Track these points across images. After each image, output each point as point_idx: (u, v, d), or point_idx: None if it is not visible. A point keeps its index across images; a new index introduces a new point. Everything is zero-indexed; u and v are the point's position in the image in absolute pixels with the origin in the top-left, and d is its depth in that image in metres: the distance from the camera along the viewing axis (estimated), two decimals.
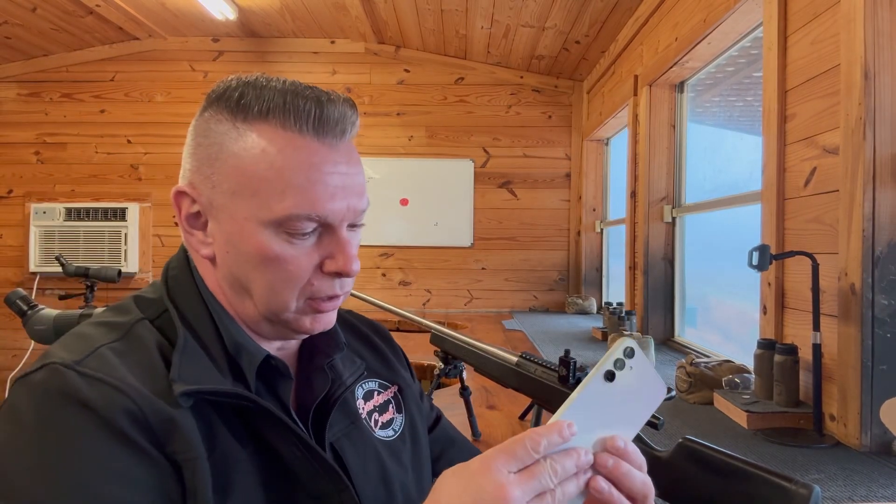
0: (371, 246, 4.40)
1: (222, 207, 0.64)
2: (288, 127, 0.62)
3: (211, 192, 0.64)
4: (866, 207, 1.34)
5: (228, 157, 0.63)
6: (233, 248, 0.64)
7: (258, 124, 0.62)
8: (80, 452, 0.53)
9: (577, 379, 0.87)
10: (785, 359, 1.52)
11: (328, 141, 0.63)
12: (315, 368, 0.72)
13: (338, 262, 0.64)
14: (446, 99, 4.41)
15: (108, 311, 0.67)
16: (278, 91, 0.63)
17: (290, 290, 0.64)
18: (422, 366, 2.42)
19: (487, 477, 0.48)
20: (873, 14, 1.34)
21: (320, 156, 0.63)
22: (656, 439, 0.74)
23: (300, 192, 0.61)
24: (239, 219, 0.63)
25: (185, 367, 0.59)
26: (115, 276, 2.79)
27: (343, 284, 0.66)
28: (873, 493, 1.10)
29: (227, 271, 0.65)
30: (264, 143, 0.62)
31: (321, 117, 0.62)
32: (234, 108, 0.63)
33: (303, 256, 0.63)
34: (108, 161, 4.41)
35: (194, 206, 0.66)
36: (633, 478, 0.54)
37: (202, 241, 0.66)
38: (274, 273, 0.63)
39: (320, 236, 0.64)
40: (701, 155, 2.79)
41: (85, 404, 0.54)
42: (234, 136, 0.63)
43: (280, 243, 0.62)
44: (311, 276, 0.64)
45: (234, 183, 0.63)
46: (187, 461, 0.56)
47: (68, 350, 0.58)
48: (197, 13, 3.87)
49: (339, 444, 0.69)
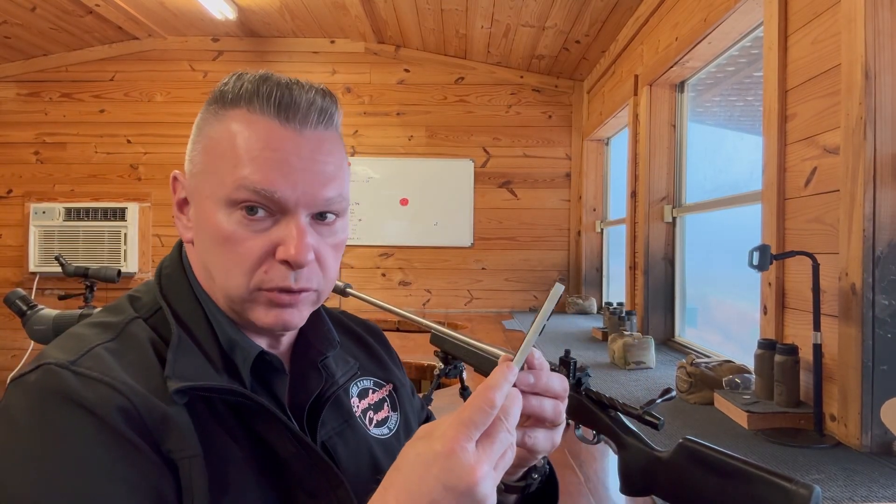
0: (371, 246, 4.40)
1: (194, 189, 0.66)
2: (253, 110, 0.63)
3: (190, 177, 0.67)
4: (867, 207, 1.33)
5: (201, 139, 0.66)
6: (200, 230, 0.65)
7: (231, 110, 0.64)
8: (76, 452, 0.52)
9: (577, 379, 0.87)
10: (785, 359, 1.51)
11: (291, 125, 0.63)
12: (309, 365, 0.72)
13: (288, 250, 0.61)
14: (446, 99, 4.41)
15: (103, 311, 0.67)
16: (255, 79, 0.64)
17: (240, 275, 0.62)
18: (422, 366, 2.42)
19: (455, 460, 0.48)
20: (874, 14, 1.33)
21: (278, 134, 0.62)
22: (656, 439, 0.74)
23: (252, 164, 0.61)
24: (203, 198, 0.64)
25: (179, 364, 0.59)
26: (115, 276, 2.78)
27: (299, 278, 0.63)
28: (874, 494, 1.09)
29: (199, 254, 0.66)
30: (233, 125, 0.63)
31: (283, 100, 0.62)
32: (217, 97, 0.66)
33: (254, 239, 0.62)
34: (108, 161, 4.41)
35: (183, 191, 0.68)
36: (552, 383, 0.61)
37: (185, 226, 0.68)
38: (227, 254, 0.62)
39: (278, 222, 0.62)
40: (701, 155, 2.79)
41: (80, 404, 0.54)
42: (212, 121, 0.65)
43: (233, 224, 0.62)
44: (262, 261, 0.62)
45: (201, 163, 0.65)
46: (183, 459, 0.56)
47: (63, 350, 0.58)
48: (197, 13, 3.87)
49: (330, 443, 0.69)
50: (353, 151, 4.42)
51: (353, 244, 4.40)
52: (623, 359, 2.20)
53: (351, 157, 4.41)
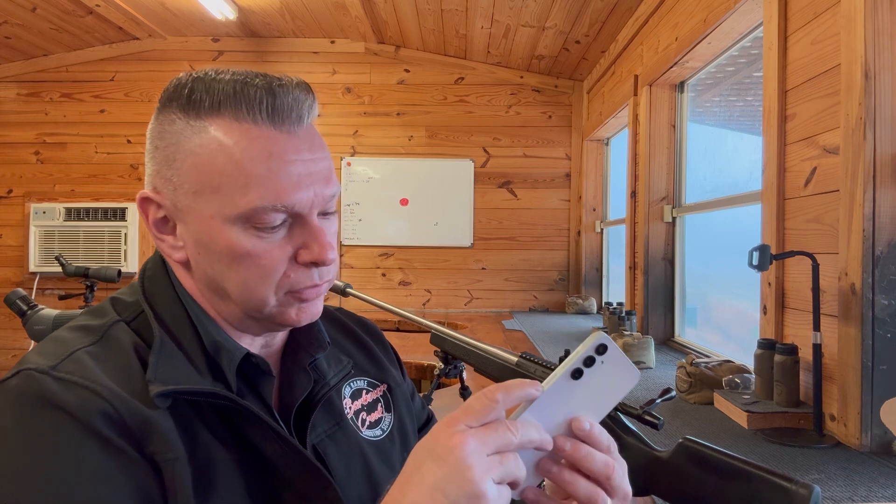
0: (371, 246, 4.40)
1: (187, 209, 0.62)
2: (241, 118, 0.60)
3: (174, 195, 0.63)
4: (866, 207, 1.33)
5: (186, 155, 0.61)
6: (203, 249, 0.63)
7: (211, 119, 0.61)
8: (58, 456, 0.52)
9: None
10: (785, 359, 1.52)
11: (286, 128, 0.61)
12: (298, 367, 0.71)
13: (312, 252, 0.62)
14: (446, 99, 4.41)
15: (85, 314, 0.66)
16: (227, 82, 0.61)
17: (265, 286, 0.62)
18: (422, 366, 2.42)
19: (445, 430, 0.49)
20: (873, 14, 1.34)
21: (279, 144, 0.61)
22: (656, 439, 0.74)
23: (263, 183, 0.59)
24: (205, 218, 0.61)
25: (161, 367, 0.59)
26: (115, 276, 2.79)
27: (322, 273, 0.64)
28: (873, 494, 1.10)
29: (201, 274, 0.64)
30: (220, 136, 0.60)
31: (274, 105, 0.60)
32: (185, 105, 0.61)
33: (275, 249, 0.62)
34: (108, 161, 4.41)
35: (160, 210, 0.65)
36: (592, 459, 0.54)
37: (173, 246, 0.65)
38: (247, 270, 0.61)
39: (291, 227, 0.63)
40: (701, 155, 2.79)
41: (61, 408, 0.53)
42: (189, 133, 0.61)
43: (249, 238, 0.61)
44: (286, 268, 0.62)
45: (195, 182, 0.61)
46: (167, 462, 0.55)
47: (43, 355, 0.58)
48: (197, 13, 3.87)
49: (321, 446, 0.68)
50: (353, 151, 4.42)
51: (353, 244, 4.40)
52: None
53: (351, 157, 4.41)
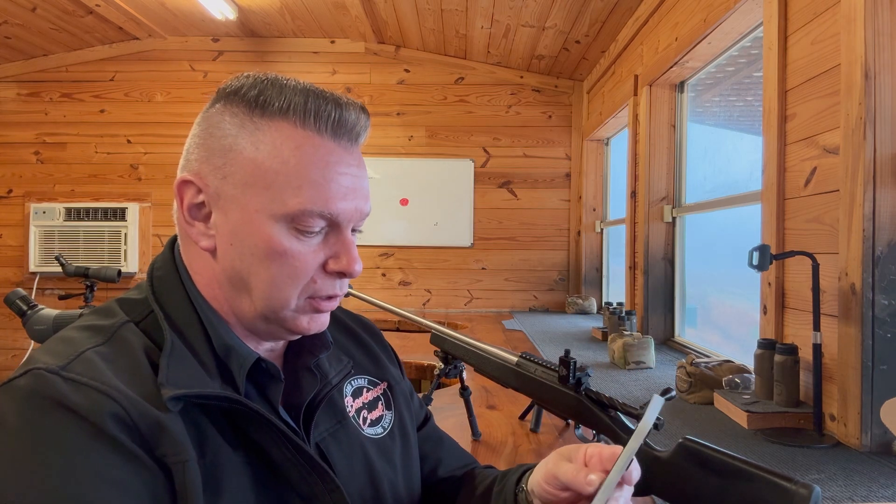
0: (371, 246, 4.40)
1: (232, 198, 0.64)
2: (307, 126, 0.64)
3: (220, 183, 0.64)
4: (866, 207, 1.33)
5: (243, 149, 0.63)
6: (238, 241, 0.64)
7: (276, 121, 0.63)
8: (68, 458, 0.52)
9: (577, 379, 0.87)
10: (785, 359, 1.52)
11: (343, 143, 0.66)
12: (302, 367, 0.72)
13: (342, 263, 0.65)
14: (446, 99, 4.41)
15: (92, 314, 0.65)
16: (298, 91, 0.64)
17: (292, 287, 0.64)
18: (422, 366, 2.42)
19: None
20: (873, 14, 1.34)
21: (336, 156, 0.65)
22: (656, 439, 0.74)
23: (315, 188, 0.63)
24: (250, 210, 0.63)
25: (172, 370, 0.59)
26: (115, 276, 2.79)
27: (342, 285, 0.68)
28: (873, 494, 1.10)
29: (228, 264, 0.65)
30: (282, 139, 0.63)
31: (339, 120, 0.65)
32: (251, 103, 0.64)
33: (309, 253, 0.64)
34: (108, 161, 4.41)
35: (199, 195, 0.65)
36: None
37: (203, 233, 0.66)
38: (279, 267, 0.63)
39: (326, 236, 0.66)
40: (701, 155, 2.79)
41: (71, 409, 0.53)
42: (251, 129, 0.63)
43: (289, 238, 0.63)
44: (314, 274, 0.65)
45: (248, 175, 0.63)
46: (177, 464, 0.55)
47: (52, 355, 0.57)
48: (197, 13, 3.87)
49: (324, 444, 0.69)
50: None
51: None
52: (623, 359, 2.20)
53: None
